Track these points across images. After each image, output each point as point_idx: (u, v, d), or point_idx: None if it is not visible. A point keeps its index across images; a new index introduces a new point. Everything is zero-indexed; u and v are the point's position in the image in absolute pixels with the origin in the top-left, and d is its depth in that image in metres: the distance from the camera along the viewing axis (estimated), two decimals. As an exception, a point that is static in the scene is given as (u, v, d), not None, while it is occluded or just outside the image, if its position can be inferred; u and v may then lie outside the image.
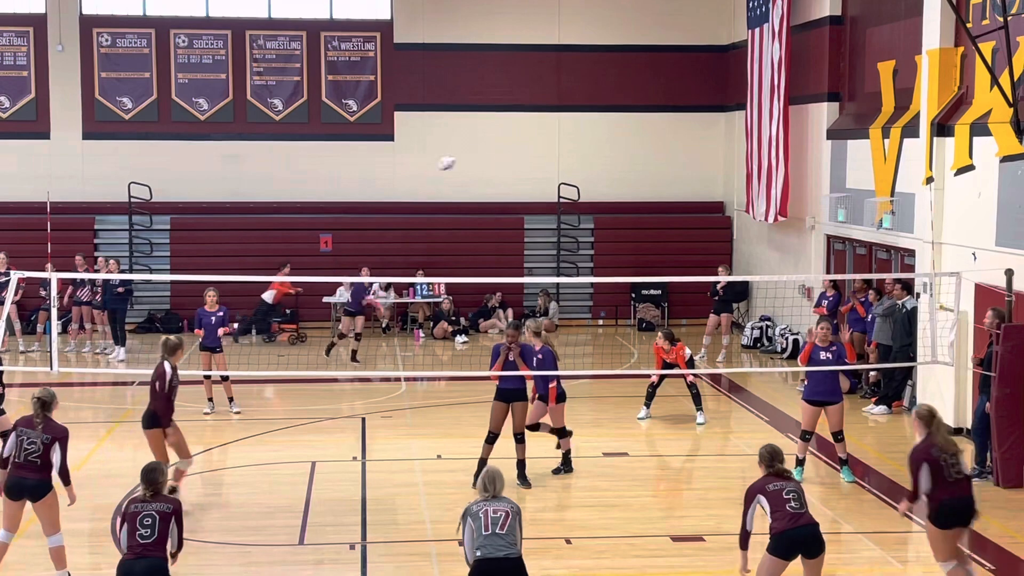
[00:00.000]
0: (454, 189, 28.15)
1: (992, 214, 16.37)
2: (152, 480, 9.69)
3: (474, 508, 9.38)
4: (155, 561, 9.41)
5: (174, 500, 9.74)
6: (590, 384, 20.78)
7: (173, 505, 9.63)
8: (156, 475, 9.76)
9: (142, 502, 9.60)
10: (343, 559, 12.07)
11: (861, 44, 21.80)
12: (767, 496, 9.89)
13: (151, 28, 27.72)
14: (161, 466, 10.13)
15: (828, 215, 22.25)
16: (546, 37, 28.35)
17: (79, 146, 27.67)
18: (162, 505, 9.57)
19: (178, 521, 9.61)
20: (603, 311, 28.13)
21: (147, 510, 9.52)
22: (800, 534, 9.78)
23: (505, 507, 9.32)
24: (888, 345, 18.72)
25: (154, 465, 9.98)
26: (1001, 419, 14.57)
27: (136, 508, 9.56)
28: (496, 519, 9.26)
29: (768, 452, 10.22)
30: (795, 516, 9.77)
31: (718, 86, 28.43)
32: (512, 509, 9.32)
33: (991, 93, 16.23)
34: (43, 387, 11.51)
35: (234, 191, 27.88)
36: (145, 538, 9.43)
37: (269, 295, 25.08)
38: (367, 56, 28.17)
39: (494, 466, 9.75)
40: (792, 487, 9.94)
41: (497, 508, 9.31)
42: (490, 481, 9.50)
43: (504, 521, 9.24)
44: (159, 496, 9.65)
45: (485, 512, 9.29)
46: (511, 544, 9.20)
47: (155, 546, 9.44)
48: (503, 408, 14.42)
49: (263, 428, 17.44)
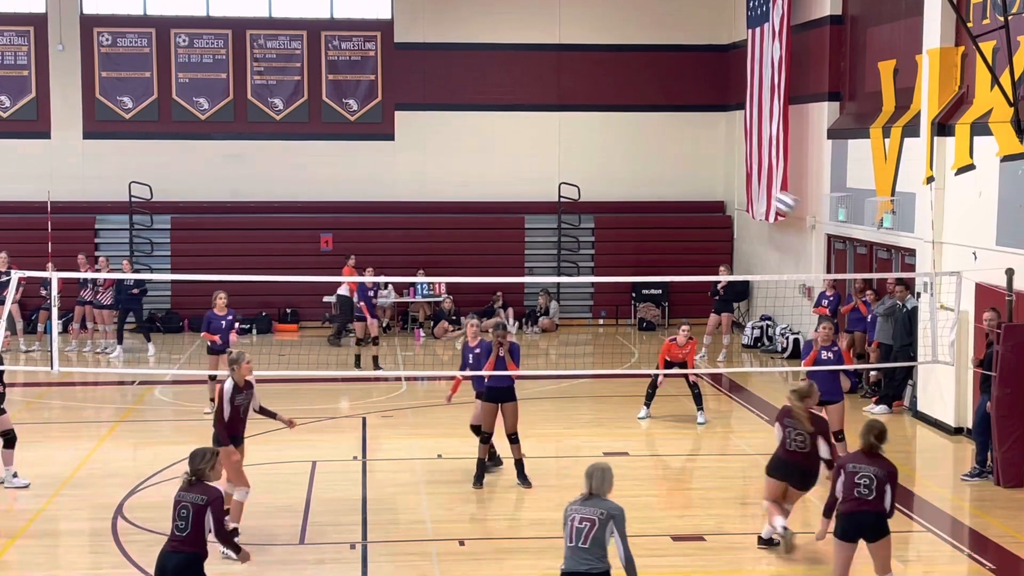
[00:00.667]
0: (454, 189, 28.17)
1: (993, 214, 16.37)
2: (193, 464, 9.25)
3: (568, 509, 8.88)
4: (185, 557, 9.05)
5: (211, 490, 9.18)
6: (591, 384, 20.77)
7: (208, 496, 9.11)
8: (198, 460, 9.29)
9: (183, 490, 9.20)
10: (344, 559, 12.07)
11: (861, 43, 21.79)
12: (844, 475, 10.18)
13: (152, 27, 27.72)
14: (208, 451, 9.42)
15: (829, 215, 22.25)
16: (547, 37, 28.35)
17: (80, 145, 27.67)
18: (198, 496, 9.11)
19: (214, 514, 9.08)
20: (604, 311, 28.13)
21: (185, 500, 9.13)
22: (859, 520, 10.08)
23: (594, 515, 8.73)
24: (889, 345, 18.72)
25: (203, 451, 9.41)
26: (1002, 419, 14.56)
27: (178, 496, 9.19)
28: (580, 530, 8.72)
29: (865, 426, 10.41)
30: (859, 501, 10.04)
31: (718, 86, 28.43)
32: (600, 518, 8.71)
33: (992, 92, 16.23)
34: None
35: (235, 191, 27.88)
36: (180, 531, 9.08)
37: (344, 289, 24.92)
38: (368, 55, 28.17)
39: (605, 462, 9.09)
40: (866, 472, 10.08)
41: (584, 516, 8.73)
42: (588, 475, 8.88)
43: (588, 533, 8.67)
44: (198, 485, 9.19)
45: (572, 520, 8.78)
46: (597, 558, 8.70)
47: (189, 540, 9.06)
48: (493, 409, 14.39)
49: (264, 428, 17.40)
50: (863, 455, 10.21)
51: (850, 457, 10.34)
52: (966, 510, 13.85)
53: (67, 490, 14.26)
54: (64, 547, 12.62)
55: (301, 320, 27.05)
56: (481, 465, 14.60)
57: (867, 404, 19.07)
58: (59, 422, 18.27)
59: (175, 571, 9.05)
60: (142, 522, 12.96)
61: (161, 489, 14.35)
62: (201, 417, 18.21)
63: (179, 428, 18.07)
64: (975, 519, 13.44)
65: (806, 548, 12.35)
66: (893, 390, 18.89)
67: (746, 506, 14.03)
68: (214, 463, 9.37)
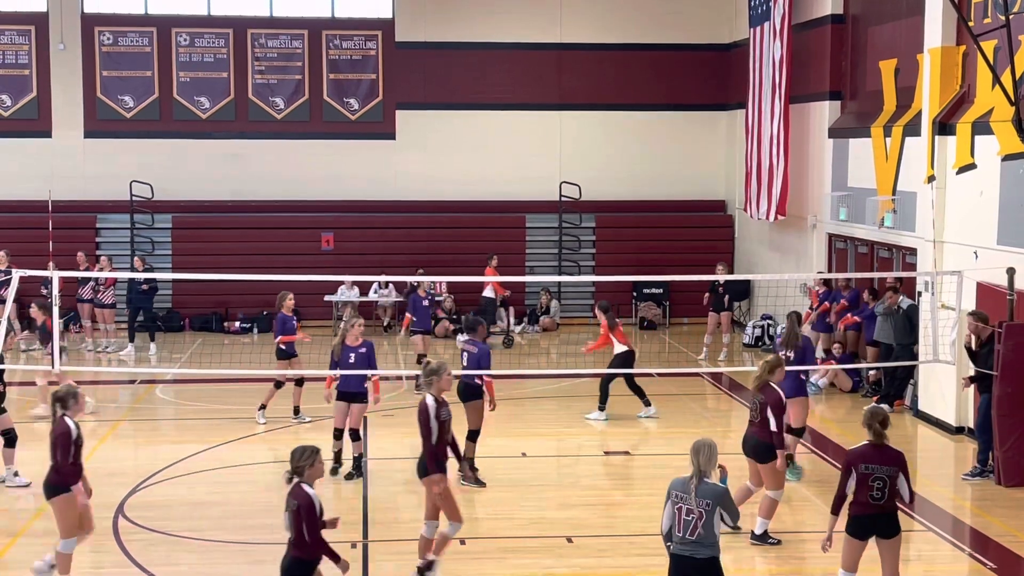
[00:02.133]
0: (455, 188, 28.18)
1: (994, 213, 16.36)
2: (293, 461, 9.16)
3: (674, 494, 8.90)
4: (292, 560, 9.05)
5: (301, 495, 9.02)
6: (591, 383, 20.75)
7: (299, 503, 9.00)
8: (297, 455, 9.17)
9: (288, 494, 9.11)
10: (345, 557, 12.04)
11: (863, 42, 21.79)
12: (856, 475, 9.93)
13: (153, 27, 27.73)
14: (309, 449, 9.25)
15: (830, 214, 22.24)
16: (548, 36, 28.35)
17: (81, 145, 27.68)
18: (291, 501, 9.06)
19: (307, 519, 8.95)
20: (604, 310, 28.11)
21: (288, 505, 9.07)
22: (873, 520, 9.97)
23: (701, 506, 8.74)
24: (888, 344, 18.71)
25: (302, 448, 9.25)
26: (1003, 418, 14.55)
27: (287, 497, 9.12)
28: (688, 523, 8.77)
29: (868, 414, 10.15)
30: (871, 505, 9.92)
31: (719, 85, 28.42)
32: (706, 509, 8.73)
33: (993, 92, 16.22)
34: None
35: (236, 190, 27.89)
36: (288, 532, 9.08)
37: (490, 291, 24.87)
38: (368, 55, 28.17)
39: (709, 439, 9.05)
40: (879, 474, 9.87)
41: (692, 508, 8.75)
42: (696, 451, 8.86)
43: (695, 525, 8.74)
44: (294, 489, 9.07)
45: (679, 511, 8.81)
46: (709, 545, 8.79)
47: (294, 544, 9.04)
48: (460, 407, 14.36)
49: (265, 426, 17.43)
50: (872, 449, 9.97)
51: (860, 455, 10.01)
52: (967, 509, 13.84)
53: (68, 489, 14.23)
54: (65, 546, 12.62)
55: (302, 319, 26.95)
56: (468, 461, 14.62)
57: (868, 403, 19.05)
58: (60, 421, 18.23)
59: (285, 574, 9.11)
60: (143, 521, 12.97)
61: (162, 488, 14.37)
62: (203, 416, 18.23)
63: (180, 427, 18.08)
64: (976, 518, 13.43)
65: (804, 546, 12.36)
66: (894, 389, 18.88)
67: (746, 504, 14.00)
68: (314, 460, 9.21)
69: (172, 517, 13.17)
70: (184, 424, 18.18)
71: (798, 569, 11.49)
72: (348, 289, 26.38)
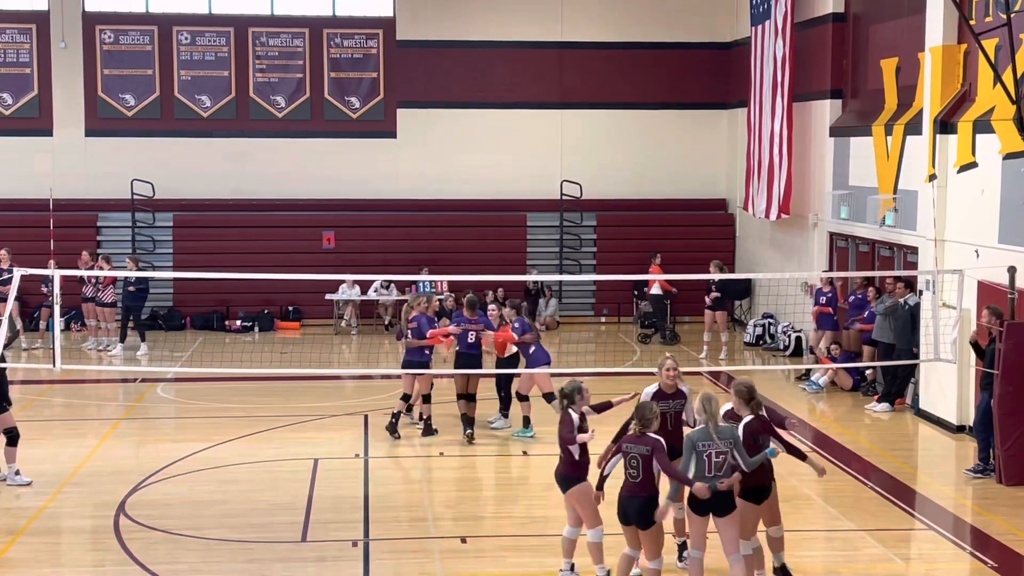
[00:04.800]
0: (456, 186, 28.17)
1: (995, 211, 16.35)
2: (640, 415, 10.25)
3: (699, 445, 10.01)
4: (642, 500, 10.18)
5: (652, 440, 10.13)
6: (592, 382, 20.69)
7: (651, 446, 10.11)
8: (645, 410, 10.30)
9: (630, 441, 10.22)
10: (346, 556, 12.07)
11: (864, 41, 21.78)
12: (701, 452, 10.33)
13: (154, 25, 27.72)
14: (653, 404, 10.60)
15: (831, 212, 22.23)
16: (549, 34, 28.34)
17: (82, 143, 27.67)
18: (643, 447, 10.13)
19: (659, 460, 10.05)
20: (606, 308, 28.13)
21: (632, 451, 10.15)
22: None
23: (725, 445, 9.99)
24: (888, 343, 18.70)
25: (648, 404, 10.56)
26: (1004, 416, 14.55)
27: (626, 448, 10.24)
28: (718, 464, 10.00)
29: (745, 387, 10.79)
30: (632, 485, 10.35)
31: (721, 83, 28.41)
32: (731, 446, 10.02)
33: (994, 90, 16.19)
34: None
35: (237, 188, 27.89)
36: (633, 478, 10.17)
37: (657, 288, 24.83)
38: (370, 53, 28.16)
39: (710, 392, 10.30)
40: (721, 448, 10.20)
41: (720, 451, 9.99)
42: (705, 401, 10.04)
43: (724, 463, 10.00)
44: (642, 437, 10.19)
45: (709, 456, 9.97)
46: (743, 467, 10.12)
47: (641, 485, 10.17)
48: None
49: (266, 425, 17.44)
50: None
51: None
52: (968, 508, 13.83)
53: (69, 487, 14.26)
54: (66, 544, 12.63)
55: (303, 318, 27.05)
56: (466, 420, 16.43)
57: (869, 402, 19.06)
58: (61, 420, 18.28)
59: (637, 512, 10.23)
60: (145, 519, 12.97)
61: (163, 487, 14.37)
62: (204, 415, 18.23)
63: (181, 426, 18.09)
64: (977, 517, 13.42)
65: (801, 545, 12.35)
66: (896, 388, 18.87)
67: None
68: (657, 413, 10.43)
69: (173, 516, 13.17)
70: (185, 423, 18.18)
71: (798, 568, 11.48)
72: (349, 288, 26.39)
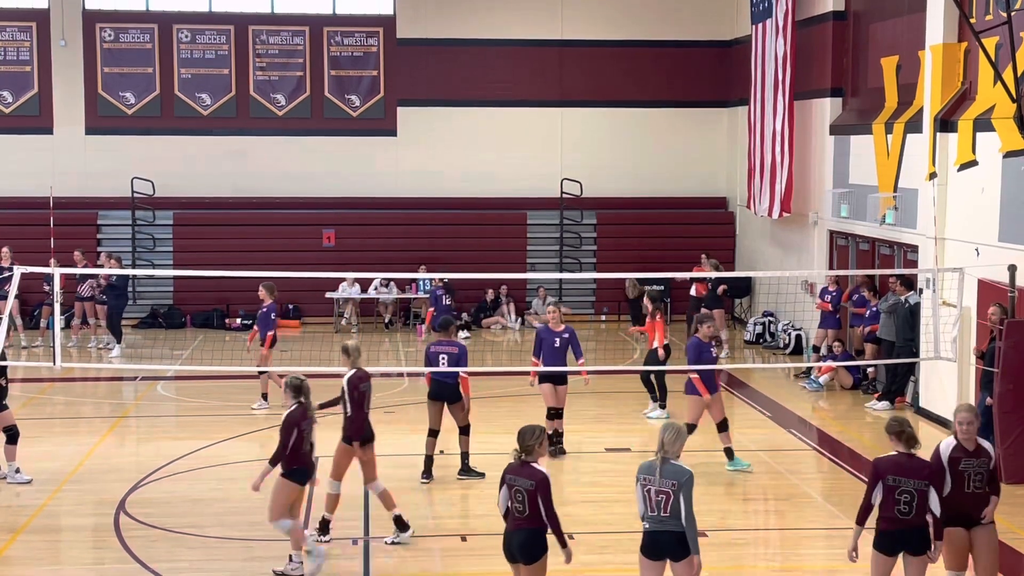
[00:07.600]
0: (456, 184, 28.18)
1: (995, 210, 16.35)
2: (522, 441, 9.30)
3: (641, 477, 9.00)
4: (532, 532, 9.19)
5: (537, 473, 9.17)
6: (592, 380, 20.73)
7: (534, 480, 9.13)
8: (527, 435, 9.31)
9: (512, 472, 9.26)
10: (346, 554, 12.08)
11: (864, 39, 21.77)
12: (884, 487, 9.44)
13: (154, 23, 27.73)
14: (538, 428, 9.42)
15: (831, 211, 22.23)
16: (549, 32, 28.33)
17: (82, 141, 27.68)
18: (523, 481, 9.18)
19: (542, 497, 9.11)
20: (606, 307, 28.12)
21: (516, 484, 9.20)
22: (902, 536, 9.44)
23: (668, 486, 8.85)
24: (891, 341, 18.70)
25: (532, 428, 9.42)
26: (1004, 415, 14.55)
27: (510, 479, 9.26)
28: (659, 503, 8.91)
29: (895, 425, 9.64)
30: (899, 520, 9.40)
31: (721, 81, 28.40)
32: (673, 489, 8.85)
33: (994, 89, 16.19)
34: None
35: (237, 186, 27.89)
36: (520, 513, 9.17)
37: (694, 290, 24.86)
38: (370, 51, 28.16)
39: (679, 424, 9.33)
40: (909, 487, 9.37)
41: (661, 489, 8.88)
42: (664, 428, 9.02)
43: (666, 504, 8.87)
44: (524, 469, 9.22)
45: (648, 492, 8.93)
46: (679, 520, 8.89)
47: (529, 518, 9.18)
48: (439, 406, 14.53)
49: (265, 423, 17.44)
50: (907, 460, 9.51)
51: (891, 466, 9.49)
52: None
53: (69, 486, 14.27)
54: (66, 542, 12.65)
55: (303, 316, 27.05)
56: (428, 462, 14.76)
57: (869, 400, 19.06)
58: (61, 418, 18.29)
59: (520, 547, 9.18)
60: (144, 518, 12.97)
61: (164, 485, 14.38)
62: (204, 413, 18.23)
63: (182, 424, 18.09)
64: (977, 515, 13.38)
65: (802, 543, 12.36)
66: (896, 386, 18.87)
67: (748, 502, 14.06)
68: (542, 439, 9.39)
69: (173, 513, 13.17)
70: (185, 421, 18.19)
71: (798, 567, 11.48)
72: (349, 286, 26.40)
